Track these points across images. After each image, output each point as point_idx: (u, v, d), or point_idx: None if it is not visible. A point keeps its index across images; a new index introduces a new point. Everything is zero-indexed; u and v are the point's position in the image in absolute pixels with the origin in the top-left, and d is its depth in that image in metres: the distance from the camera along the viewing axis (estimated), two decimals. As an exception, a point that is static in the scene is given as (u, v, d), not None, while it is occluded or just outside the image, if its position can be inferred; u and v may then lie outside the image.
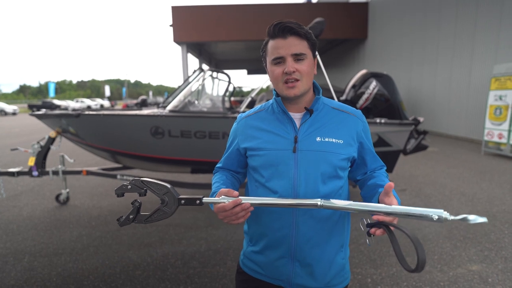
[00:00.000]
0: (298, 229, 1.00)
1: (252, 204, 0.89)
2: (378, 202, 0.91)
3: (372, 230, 0.83)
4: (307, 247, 1.01)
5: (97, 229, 3.52)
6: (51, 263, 2.79)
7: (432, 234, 3.24)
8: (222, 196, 0.90)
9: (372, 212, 0.83)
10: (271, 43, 0.99)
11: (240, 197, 0.89)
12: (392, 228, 0.81)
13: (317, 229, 1.00)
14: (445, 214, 0.75)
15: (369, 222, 0.85)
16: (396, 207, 0.81)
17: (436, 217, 0.75)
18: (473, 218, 0.73)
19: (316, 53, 1.06)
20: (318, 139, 0.99)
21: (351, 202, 0.87)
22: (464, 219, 0.74)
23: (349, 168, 1.11)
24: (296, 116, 1.04)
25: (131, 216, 0.92)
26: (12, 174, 4.09)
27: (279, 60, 0.97)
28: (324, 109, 1.05)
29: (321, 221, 1.00)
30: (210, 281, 2.49)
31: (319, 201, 0.87)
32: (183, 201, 0.91)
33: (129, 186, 0.91)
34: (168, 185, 0.92)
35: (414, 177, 5.50)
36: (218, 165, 1.21)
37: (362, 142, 1.06)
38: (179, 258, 2.87)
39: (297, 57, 0.96)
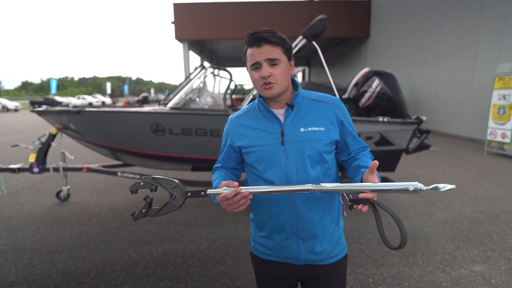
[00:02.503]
0: (297, 211, 1.13)
1: (250, 193, 0.99)
2: (362, 180, 1.04)
3: (359, 206, 0.95)
4: (307, 225, 1.14)
5: (98, 226, 3.52)
6: (51, 260, 2.78)
7: (434, 235, 3.22)
8: (224, 187, 1.00)
9: (358, 191, 0.95)
10: (248, 51, 1.11)
11: (239, 187, 1.00)
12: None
13: (312, 209, 1.14)
14: (419, 186, 0.88)
15: (350, 197, 0.98)
16: (378, 184, 0.94)
17: (412, 188, 0.88)
18: (443, 186, 0.86)
19: (296, 55, 1.14)
20: (302, 129, 1.11)
21: (339, 184, 0.98)
22: (435, 188, 0.87)
23: (334, 151, 1.22)
24: (280, 112, 1.15)
25: (143, 210, 1.01)
26: (13, 170, 4.08)
27: (256, 66, 1.09)
28: (304, 102, 1.16)
29: (315, 201, 1.14)
30: (210, 280, 2.48)
31: (310, 186, 0.98)
32: (189, 194, 1.01)
33: (142, 183, 1.01)
34: (176, 180, 1.02)
35: (416, 176, 5.47)
36: (216, 165, 1.31)
37: (341, 125, 1.17)
38: (179, 256, 2.86)
39: (272, 62, 1.07)
